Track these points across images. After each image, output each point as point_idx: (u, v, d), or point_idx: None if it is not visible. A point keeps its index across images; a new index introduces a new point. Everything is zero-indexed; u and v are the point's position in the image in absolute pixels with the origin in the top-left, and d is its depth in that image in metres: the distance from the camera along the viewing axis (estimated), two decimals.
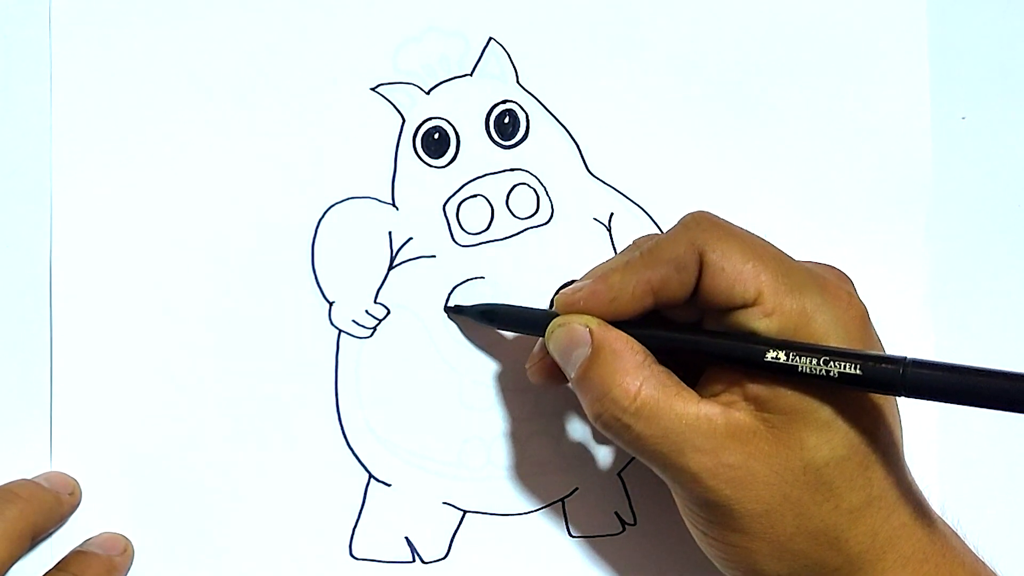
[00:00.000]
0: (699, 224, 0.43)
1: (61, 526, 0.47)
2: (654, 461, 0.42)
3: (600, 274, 0.44)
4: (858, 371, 0.39)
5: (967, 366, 0.38)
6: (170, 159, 0.48)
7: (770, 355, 0.40)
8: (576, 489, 0.50)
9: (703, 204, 0.48)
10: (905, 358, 0.39)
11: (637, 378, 0.42)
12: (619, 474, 0.50)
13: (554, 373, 0.46)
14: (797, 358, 0.40)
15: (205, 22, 0.48)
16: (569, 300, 0.44)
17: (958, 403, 0.38)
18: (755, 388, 0.41)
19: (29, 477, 0.47)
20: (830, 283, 0.43)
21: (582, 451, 0.50)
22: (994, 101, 0.53)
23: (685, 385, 0.42)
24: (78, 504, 0.47)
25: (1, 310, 0.47)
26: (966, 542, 0.44)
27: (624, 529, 0.50)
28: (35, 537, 0.46)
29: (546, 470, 0.50)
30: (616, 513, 0.50)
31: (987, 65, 0.53)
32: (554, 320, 0.44)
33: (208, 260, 0.48)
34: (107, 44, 0.48)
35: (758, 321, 0.41)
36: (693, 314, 0.44)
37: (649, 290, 0.43)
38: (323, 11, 0.49)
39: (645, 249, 0.43)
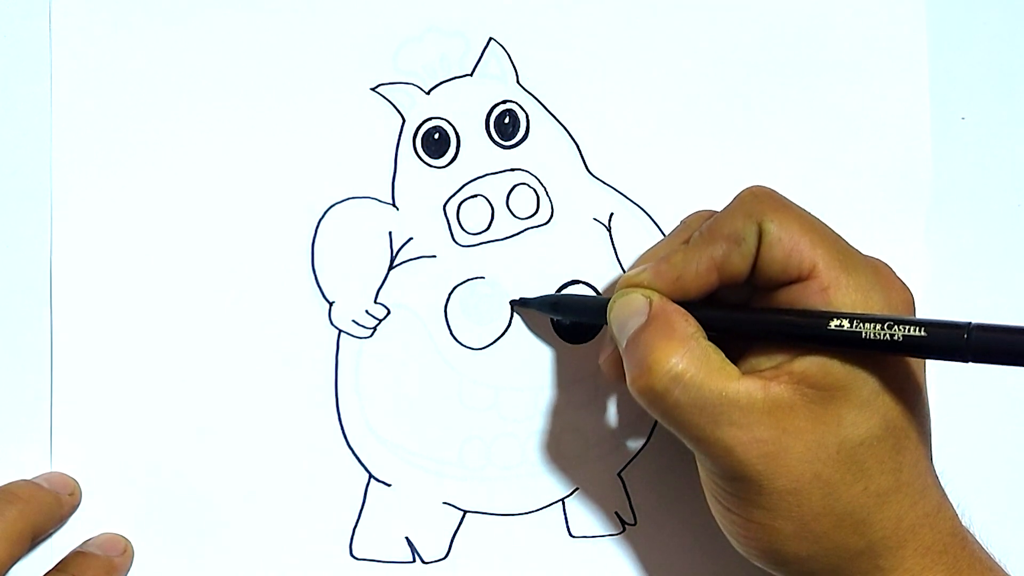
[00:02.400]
0: (756, 197, 0.43)
1: (61, 526, 0.47)
2: (688, 432, 0.42)
3: (662, 255, 0.44)
4: (923, 333, 0.39)
5: None
6: (170, 159, 0.48)
7: (834, 323, 0.40)
8: (576, 489, 0.50)
9: (703, 204, 0.48)
10: (969, 323, 0.39)
11: (682, 348, 0.41)
12: (619, 474, 0.50)
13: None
14: (861, 325, 0.40)
15: (205, 22, 0.48)
16: (633, 281, 0.44)
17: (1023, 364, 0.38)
18: (801, 364, 0.41)
19: (29, 477, 0.47)
20: (881, 267, 0.43)
21: (582, 451, 0.50)
22: (994, 101, 0.53)
23: (729, 362, 0.42)
24: (78, 504, 0.47)
25: (1, 310, 0.47)
26: (978, 539, 0.44)
27: (624, 529, 0.50)
28: (35, 538, 0.46)
29: (546, 470, 0.50)
30: (616, 513, 0.50)
31: (987, 65, 0.53)
32: (618, 291, 0.44)
33: (208, 260, 0.48)
34: (107, 44, 0.48)
35: (814, 296, 0.41)
36: (742, 295, 0.44)
37: (713, 266, 0.43)
38: (323, 11, 0.49)
39: (704, 227, 0.43)
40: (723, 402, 0.41)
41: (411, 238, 0.49)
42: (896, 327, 0.39)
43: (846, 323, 0.40)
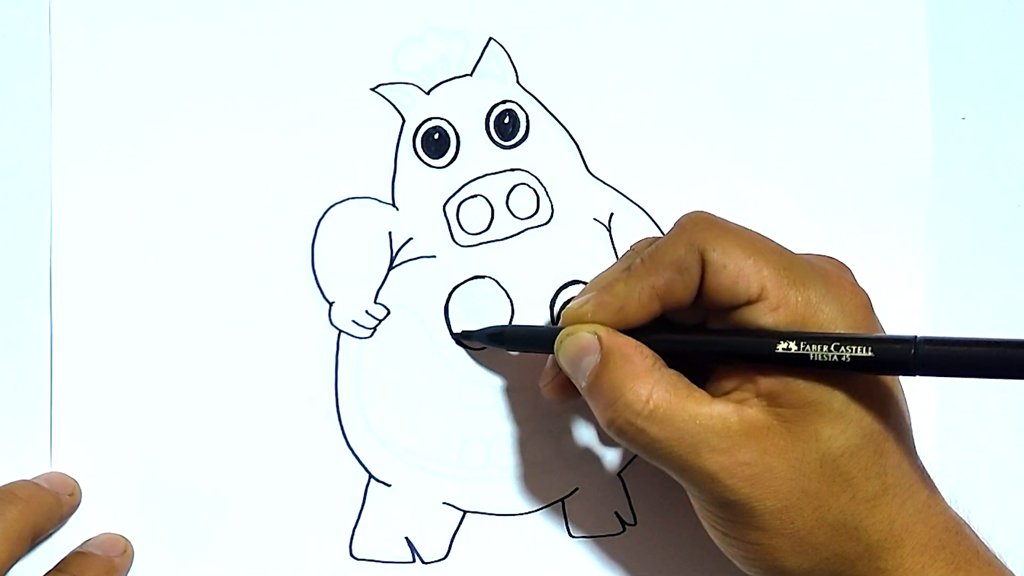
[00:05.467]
0: (697, 224, 0.43)
1: (61, 527, 0.47)
2: (670, 464, 0.42)
3: (604, 285, 0.44)
4: (870, 353, 0.39)
5: (977, 339, 0.38)
6: (170, 159, 0.48)
7: (781, 346, 0.40)
8: (576, 489, 0.50)
9: (703, 204, 0.48)
10: (916, 337, 0.39)
11: (648, 382, 0.42)
12: (619, 474, 0.50)
13: (568, 389, 0.46)
14: (808, 347, 0.40)
15: (205, 22, 0.48)
16: (576, 313, 0.44)
17: (971, 376, 0.38)
18: (766, 383, 0.41)
19: (29, 477, 0.47)
20: (832, 273, 0.43)
21: (582, 451, 0.50)
22: (994, 101, 0.53)
23: (696, 386, 0.42)
24: (78, 505, 0.47)
25: (1, 310, 0.47)
26: (976, 531, 0.44)
27: (624, 529, 0.50)
28: (35, 538, 0.46)
29: (546, 470, 0.50)
30: (616, 513, 0.50)
31: (987, 65, 0.53)
32: (563, 331, 0.44)
33: (208, 260, 0.48)
34: (107, 44, 0.48)
35: (765, 316, 0.41)
36: (697, 316, 0.44)
37: (655, 295, 0.43)
38: (323, 11, 0.49)
39: (646, 255, 0.43)
40: (699, 430, 0.41)
41: (411, 238, 0.49)
42: (844, 347, 0.40)
43: (793, 345, 0.40)
